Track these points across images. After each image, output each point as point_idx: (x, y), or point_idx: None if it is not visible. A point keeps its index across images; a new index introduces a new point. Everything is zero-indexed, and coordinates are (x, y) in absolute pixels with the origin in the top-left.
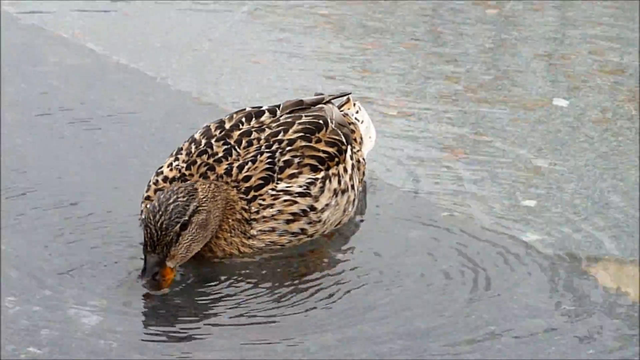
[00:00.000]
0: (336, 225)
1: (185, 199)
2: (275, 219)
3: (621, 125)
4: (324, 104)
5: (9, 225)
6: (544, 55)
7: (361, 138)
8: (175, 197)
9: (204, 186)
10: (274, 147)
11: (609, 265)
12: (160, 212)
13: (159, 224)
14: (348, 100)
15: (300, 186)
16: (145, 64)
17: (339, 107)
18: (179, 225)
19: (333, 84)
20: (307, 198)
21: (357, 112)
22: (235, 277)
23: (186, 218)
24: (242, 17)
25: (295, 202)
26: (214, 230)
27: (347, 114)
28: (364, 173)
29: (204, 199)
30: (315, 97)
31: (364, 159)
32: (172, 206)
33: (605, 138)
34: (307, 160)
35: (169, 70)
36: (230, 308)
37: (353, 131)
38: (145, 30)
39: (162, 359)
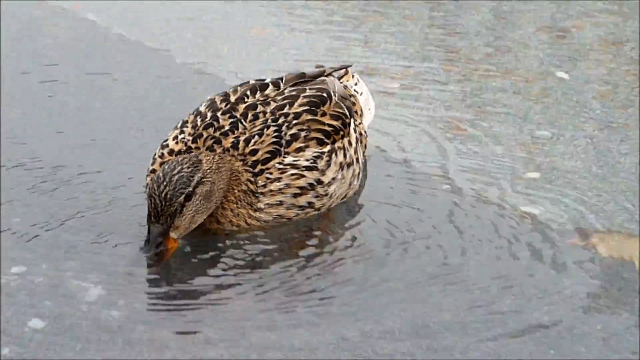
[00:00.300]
0: (342, 199)
1: (189, 170)
2: (282, 193)
3: (624, 97)
4: (325, 76)
5: (8, 197)
6: (545, 27)
7: (361, 110)
8: (179, 168)
9: (208, 157)
10: (280, 121)
11: (613, 237)
12: (165, 183)
13: (163, 195)
14: (347, 72)
15: (307, 160)
16: (147, 36)
17: (338, 79)
18: (183, 196)
19: (334, 57)
20: (314, 172)
21: (355, 84)
22: (239, 248)
23: (190, 189)
24: None
25: (303, 176)
26: (218, 202)
27: (346, 86)
28: (365, 146)
29: (209, 170)
30: (317, 69)
31: (365, 132)
32: (176, 177)
33: (607, 110)
34: (313, 134)
35: (170, 42)
36: (234, 280)
37: (354, 103)
38: (147, 2)
39: (165, 330)
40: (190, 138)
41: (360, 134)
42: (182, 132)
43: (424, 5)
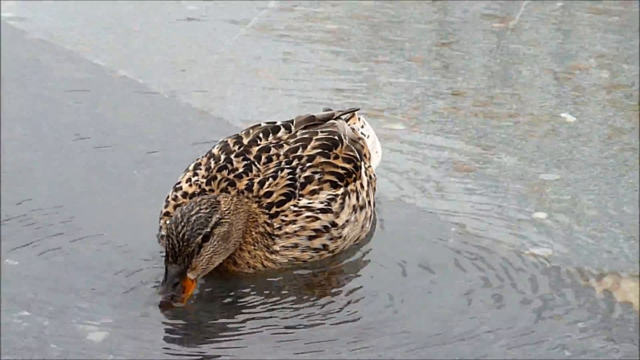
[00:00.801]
0: (355, 241)
1: (207, 210)
2: (298, 235)
3: (629, 138)
4: (334, 119)
5: (18, 241)
6: (550, 70)
7: (369, 153)
8: (197, 208)
9: (226, 199)
10: (294, 163)
11: (621, 278)
12: (183, 223)
13: (180, 235)
14: (353, 115)
15: (322, 202)
16: (151, 79)
17: (345, 122)
18: (200, 236)
19: (338, 99)
20: (329, 214)
21: (362, 127)
22: (253, 292)
23: (208, 230)
24: (247, 32)
25: (318, 219)
26: (237, 244)
27: (354, 129)
28: (374, 189)
29: (227, 212)
30: (326, 112)
31: (374, 175)
32: (194, 217)
33: (612, 153)
34: (327, 177)
35: (174, 85)
36: (250, 325)
37: (362, 146)
38: (152, 45)
39: None
40: (204, 180)
41: (370, 176)
42: (195, 174)
43: (428, 48)
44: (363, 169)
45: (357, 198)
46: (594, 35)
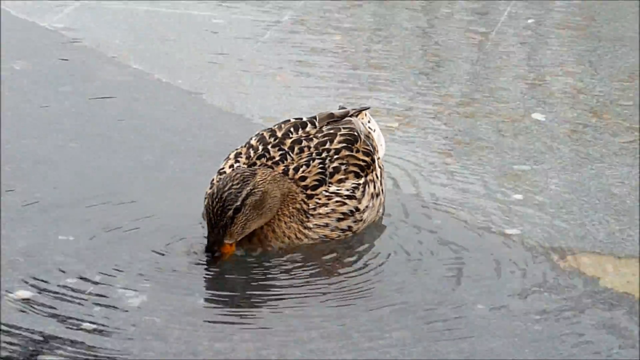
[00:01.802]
0: (369, 225)
1: (238, 186)
2: (329, 217)
3: (591, 135)
4: (349, 117)
5: (74, 221)
6: (523, 77)
7: (377, 146)
8: (230, 184)
9: (265, 171)
10: (323, 155)
11: (585, 254)
12: (217, 200)
13: (214, 210)
14: (360, 112)
15: (348, 190)
16: (182, 81)
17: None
18: (231, 210)
19: (342, 100)
20: (354, 200)
21: (369, 122)
22: (284, 261)
23: (238, 203)
24: (266, 41)
25: (345, 204)
26: (272, 209)
27: (363, 124)
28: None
29: (261, 182)
30: (342, 110)
31: (382, 165)
32: (226, 194)
33: (576, 147)
34: (351, 168)
35: (202, 86)
36: (274, 297)
37: (372, 140)
38: (182, 52)
39: (201, 339)
40: (245, 166)
41: (380, 167)
42: (237, 161)
43: (418, 58)
44: (376, 161)
45: (374, 187)
46: (561, 48)
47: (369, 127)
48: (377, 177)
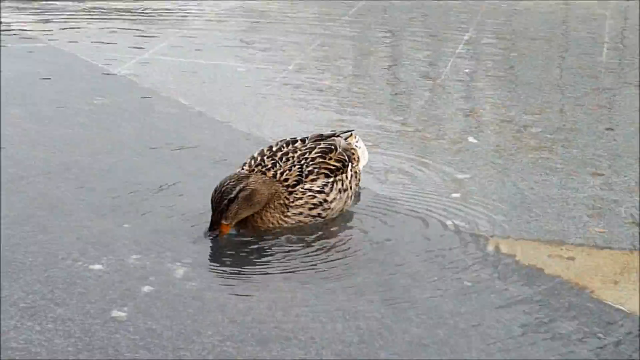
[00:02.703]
0: (340, 212)
1: (234, 183)
2: (302, 207)
3: (515, 152)
4: (336, 136)
5: (129, 212)
6: (461, 110)
7: (359, 158)
8: (228, 182)
9: (257, 175)
10: (302, 162)
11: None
12: (217, 192)
13: (215, 199)
14: (351, 135)
15: (319, 186)
16: (216, 113)
17: (346, 138)
18: (226, 200)
19: (333, 125)
20: (322, 194)
21: (356, 142)
22: (269, 239)
23: (232, 196)
24: (277, 83)
25: (315, 197)
26: (260, 203)
27: (350, 143)
28: (359, 180)
29: (252, 182)
30: (331, 132)
31: (359, 172)
32: (224, 188)
33: (501, 163)
34: (322, 170)
35: (231, 116)
36: (274, 261)
37: (353, 153)
38: (216, 91)
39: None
40: (246, 172)
41: (356, 172)
42: (242, 168)
43: (385, 96)
44: (349, 167)
45: (342, 184)
46: (489, 89)
47: (356, 145)
48: (347, 178)
